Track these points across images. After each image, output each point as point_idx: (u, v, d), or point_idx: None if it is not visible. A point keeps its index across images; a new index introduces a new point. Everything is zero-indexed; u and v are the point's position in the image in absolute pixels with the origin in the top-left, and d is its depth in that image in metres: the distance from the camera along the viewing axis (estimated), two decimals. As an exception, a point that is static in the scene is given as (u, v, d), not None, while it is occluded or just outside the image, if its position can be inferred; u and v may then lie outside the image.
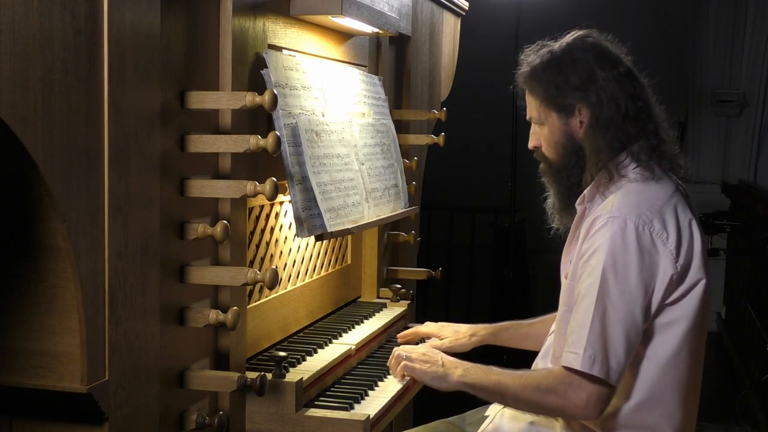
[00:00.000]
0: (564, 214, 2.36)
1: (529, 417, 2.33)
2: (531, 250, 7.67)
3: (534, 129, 2.37)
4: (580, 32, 2.33)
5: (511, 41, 5.77)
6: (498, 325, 2.75)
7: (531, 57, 2.34)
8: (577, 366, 2.08)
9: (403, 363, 2.40)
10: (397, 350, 2.47)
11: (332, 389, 2.46)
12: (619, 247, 2.09)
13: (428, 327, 2.86)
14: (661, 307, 2.13)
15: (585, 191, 2.27)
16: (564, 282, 2.32)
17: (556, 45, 2.31)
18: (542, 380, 2.15)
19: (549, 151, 2.33)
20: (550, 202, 2.40)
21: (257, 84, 2.23)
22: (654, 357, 2.16)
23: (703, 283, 2.16)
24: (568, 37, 2.32)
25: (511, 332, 2.72)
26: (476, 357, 2.45)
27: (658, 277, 2.10)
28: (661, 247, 2.10)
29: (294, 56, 2.47)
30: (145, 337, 1.85)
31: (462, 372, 2.29)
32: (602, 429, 2.20)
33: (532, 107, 2.34)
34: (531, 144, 2.39)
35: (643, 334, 2.14)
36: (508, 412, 2.40)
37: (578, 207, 2.30)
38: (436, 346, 2.73)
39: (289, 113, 2.33)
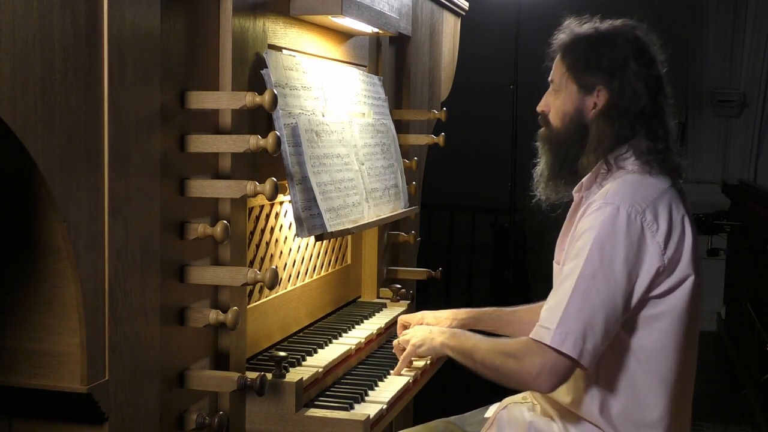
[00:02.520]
0: (550, 185, 2.36)
1: (528, 418, 2.33)
2: (531, 250, 7.67)
3: (548, 93, 2.36)
4: (630, 21, 2.32)
5: (511, 41, 5.77)
6: (480, 310, 2.73)
7: (574, 26, 2.34)
8: (547, 341, 2.07)
9: (400, 343, 2.58)
10: (395, 342, 2.62)
11: (332, 389, 2.46)
12: (608, 232, 2.10)
13: (408, 318, 2.80)
14: (646, 299, 2.13)
15: (583, 179, 2.27)
16: (556, 267, 2.33)
17: (603, 24, 2.31)
18: (508, 345, 2.19)
19: (555, 119, 2.33)
20: (539, 170, 2.39)
21: (257, 84, 2.23)
22: (638, 350, 2.16)
23: (691, 279, 2.16)
24: (618, 22, 2.32)
25: (493, 318, 2.70)
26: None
27: (644, 267, 2.10)
28: (650, 238, 2.11)
29: (294, 56, 2.47)
30: (145, 337, 1.85)
31: (447, 337, 2.41)
32: (596, 423, 2.20)
33: (557, 72, 2.33)
34: (540, 107, 2.38)
35: (628, 326, 2.15)
36: (508, 414, 2.40)
37: (575, 194, 2.30)
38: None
39: (289, 113, 2.33)
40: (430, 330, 2.49)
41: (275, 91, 2.04)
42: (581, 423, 2.24)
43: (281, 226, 2.59)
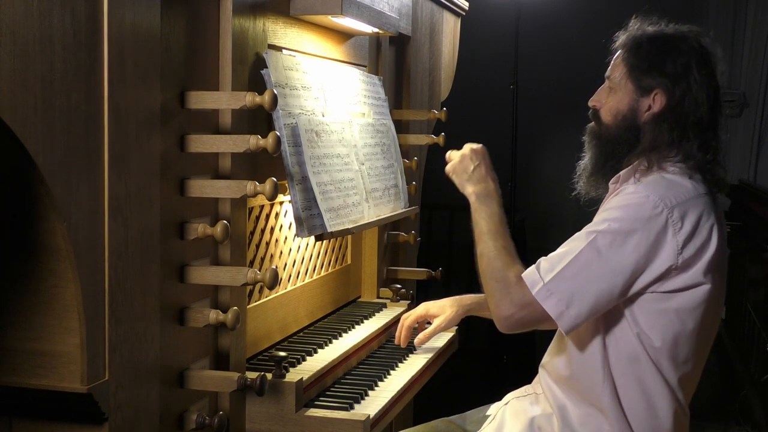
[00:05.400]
0: (591, 181, 2.35)
1: (529, 413, 2.33)
2: (531, 250, 7.67)
3: (603, 89, 2.35)
4: (696, 28, 2.31)
5: (511, 41, 5.77)
6: (483, 295, 2.73)
7: (640, 25, 2.32)
8: (532, 290, 2.11)
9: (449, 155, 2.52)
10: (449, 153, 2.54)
11: (332, 389, 2.46)
12: (631, 215, 2.10)
13: (414, 313, 2.82)
14: (649, 291, 2.12)
15: (621, 172, 2.26)
16: None
17: (669, 27, 2.30)
18: (503, 268, 2.20)
19: (607, 116, 2.31)
20: (583, 164, 2.38)
21: (257, 84, 2.23)
22: (643, 342, 2.15)
23: (704, 288, 2.14)
24: (684, 27, 2.31)
25: None
26: (476, 355, 2.45)
27: (656, 263, 2.10)
28: (671, 235, 2.10)
29: (294, 56, 2.47)
30: (145, 337, 1.85)
31: (476, 191, 2.39)
32: (604, 410, 2.20)
33: (616, 70, 2.31)
34: (592, 102, 2.36)
35: (635, 317, 2.14)
36: (510, 411, 2.40)
37: (611, 185, 2.29)
38: (429, 333, 2.79)
39: (289, 113, 2.33)
40: (472, 169, 2.43)
41: (275, 91, 2.04)
42: (582, 415, 2.24)
43: (281, 226, 2.59)
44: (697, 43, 2.26)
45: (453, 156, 2.48)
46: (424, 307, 2.82)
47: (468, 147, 2.47)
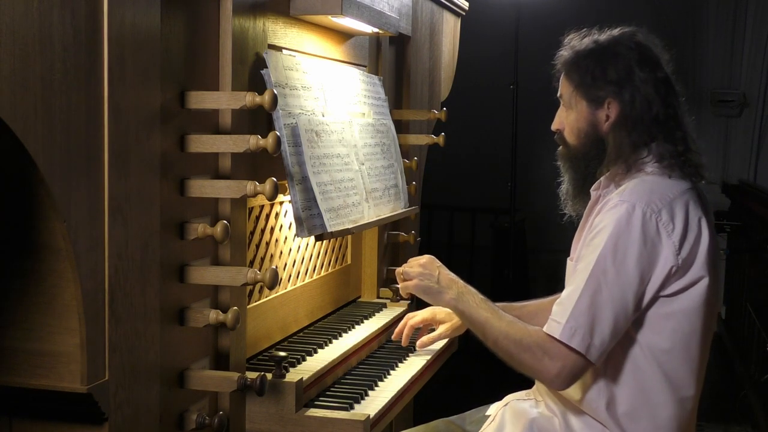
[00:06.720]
0: (577, 201, 2.38)
1: (530, 414, 2.33)
2: (531, 250, 7.67)
3: (560, 111, 2.37)
4: (628, 29, 2.33)
5: (511, 41, 5.78)
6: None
7: (574, 41, 2.34)
8: (556, 335, 2.09)
9: (400, 272, 2.45)
10: (399, 269, 2.48)
11: (332, 389, 2.46)
12: (623, 230, 2.10)
13: (421, 315, 2.84)
14: (657, 297, 2.13)
15: (601, 178, 2.28)
16: (569, 264, 2.34)
17: (602, 36, 2.31)
18: (524, 337, 2.16)
19: (571, 137, 2.34)
20: (564, 188, 2.40)
21: (257, 84, 2.23)
22: (647, 349, 2.16)
23: (705, 281, 2.15)
24: (616, 31, 2.32)
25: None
26: (475, 355, 2.45)
27: (657, 267, 2.11)
28: (665, 237, 2.11)
29: (294, 56, 2.47)
30: (145, 337, 1.85)
31: (455, 295, 2.34)
32: (601, 420, 2.20)
33: (564, 90, 2.34)
34: (554, 126, 2.39)
35: (638, 324, 2.15)
36: (510, 412, 2.40)
37: (593, 192, 2.31)
38: (433, 338, 2.80)
39: (289, 113, 2.33)
40: (438, 279, 2.39)
41: (275, 91, 2.04)
42: (584, 420, 2.24)
43: (281, 226, 2.59)
44: (633, 43, 2.27)
45: (407, 276, 2.42)
46: (432, 311, 2.82)
47: (415, 263, 2.44)
